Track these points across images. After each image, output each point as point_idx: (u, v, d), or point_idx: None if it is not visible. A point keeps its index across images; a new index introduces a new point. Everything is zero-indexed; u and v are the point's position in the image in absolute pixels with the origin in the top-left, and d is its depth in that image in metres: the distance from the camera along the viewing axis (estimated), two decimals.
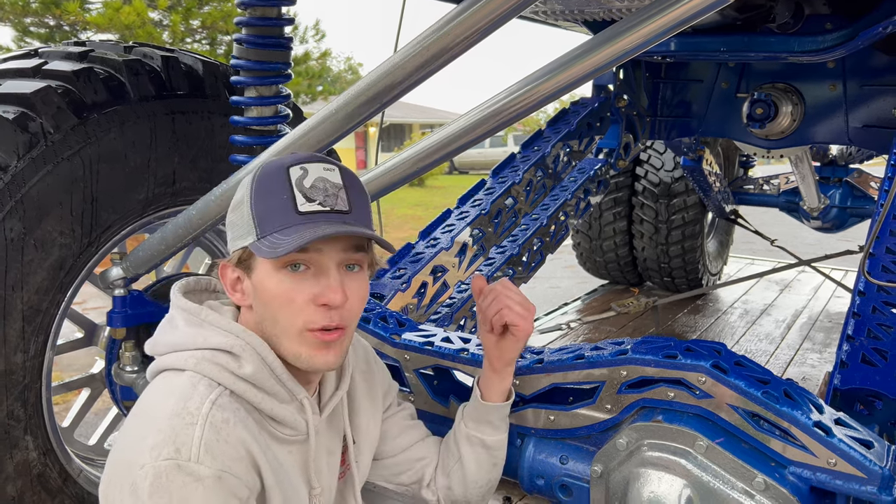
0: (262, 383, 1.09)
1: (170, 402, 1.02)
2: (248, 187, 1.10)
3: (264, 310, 1.10)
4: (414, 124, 30.34)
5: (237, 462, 1.01)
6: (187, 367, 1.07)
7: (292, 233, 1.04)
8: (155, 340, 1.15)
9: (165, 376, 1.09)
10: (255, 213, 1.07)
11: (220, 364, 1.07)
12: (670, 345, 1.35)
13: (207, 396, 1.03)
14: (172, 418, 1.00)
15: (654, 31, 1.26)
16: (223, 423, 1.01)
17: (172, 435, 0.98)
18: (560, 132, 2.85)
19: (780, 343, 4.29)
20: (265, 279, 1.08)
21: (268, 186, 1.08)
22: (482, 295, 1.35)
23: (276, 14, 1.73)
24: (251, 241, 1.07)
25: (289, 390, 1.12)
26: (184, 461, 0.96)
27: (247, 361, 1.08)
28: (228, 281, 1.14)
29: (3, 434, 1.65)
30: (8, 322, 1.62)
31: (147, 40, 10.44)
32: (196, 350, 1.08)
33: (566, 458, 1.43)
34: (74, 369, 3.38)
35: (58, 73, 1.71)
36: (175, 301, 1.16)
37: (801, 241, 7.02)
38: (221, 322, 1.11)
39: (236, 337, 1.09)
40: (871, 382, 1.41)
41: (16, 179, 1.58)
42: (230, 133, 1.83)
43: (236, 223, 1.11)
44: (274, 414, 1.10)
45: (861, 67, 3.02)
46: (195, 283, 1.25)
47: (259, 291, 1.09)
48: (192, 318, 1.12)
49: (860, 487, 1.13)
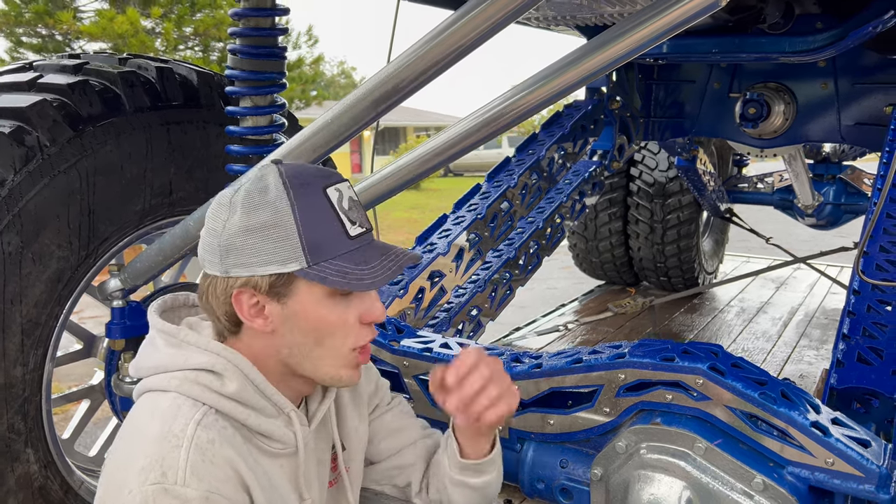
0: (247, 400, 1.08)
1: (155, 424, 1.02)
2: (284, 210, 1.03)
3: (304, 336, 1.07)
4: (408, 127, 30.36)
5: (224, 483, 1.01)
6: (170, 388, 1.06)
7: (357, 260, 1.05)
8: (138, 363, 1.14)
9: (150, 397, 1.08)
10: (307, 239, 1.03)
11: (202, 384, 1.06)
12: (668, 347, 1.36)
13: (192, 417, 1.02)
14: (159, 441, 0.99)
15: (647, 35, 1.27)
16: (209, 443, 1.01)
17: (159, 458, 0.98)
18: (554, 135, 2.86)
19: (777, 341, 4.31)
20: (315, 306, 1.06)
21: (312, 210, 1.04)
22: (465, 379, 1.15)
23: (269, 24, 1.74)
24: (297, 267, 1.03)
25: (275, 404, 1.12)
26: (170, 485, 0.96)
27: (230, 379, 1.07)
28: (246, 307, 1.07)
29: (3, 447, 1.65)
30: (7, 335, 1.62)
31: (140, 49, 10.44)
32: (178, 371, 1.07)
33: (566, 462, 1.44)
34: (72, 380, 3.38)
35: (53, 86, 1.71)
36: (152, 322, 1.14)
37: (795, 238, 7.05)
38: (200, 341, 1.10)
39: (217, 356, 1.08)
40: (868, 381, 1.42)
41: (13, 193, 1.59)
42: (225, 143, 1.84)
43: (260, 247, 1.03)
44: (261, 429, 1.10)
45: (852, 66, 3.04)
46: (172, 300, 1.22)
47: (303, 319, 1.06)
48: (170, 339, 1.11)
49: (858, 486, 1.14)
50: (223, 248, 1.05)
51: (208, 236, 1.07)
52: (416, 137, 27.06)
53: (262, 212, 1.03)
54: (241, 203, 1.05)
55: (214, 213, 1.07)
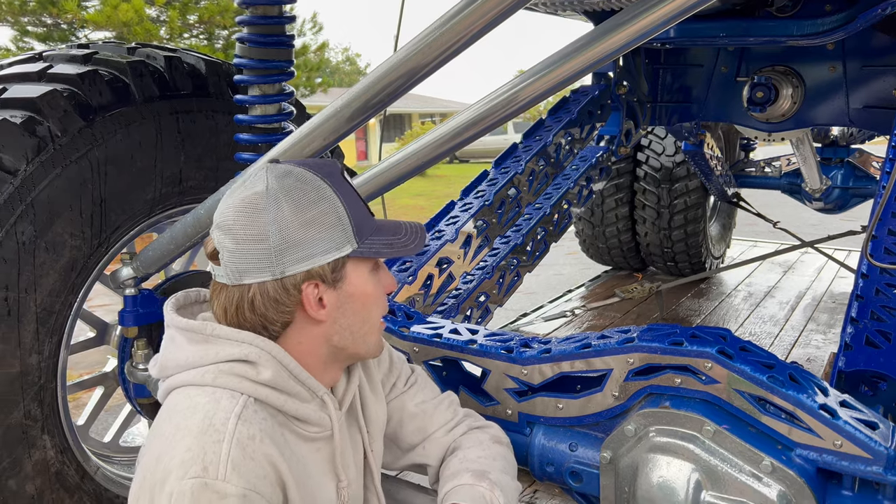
0: (283, 385, 1.10)
1: (196, 418, 1.02)
2: (332, 198, 1.08)
3: (356, 316, 1.15)
4: (413, 114, 30.29)
5: (262, 480, 1.02)
6: (206, 382, 1.06)
7: (386, 231, 1.15)
8: (162, 363, 1.13)
9: (185, 393, 1.08)
10: (354, 221, 1.10)
11: (238, 374, 1.07)
12: (676, 332, 1.37)
13: (232, 410, 1.03)
14: (200, 435, 1.00)
15: (656, 20, 1.27)
16: (249, 439, 1.02)
17: (200, 453, 0.98)
18: (561, 121, 2.86)
19: (785, 325, 4.31)
20: (364, 283, 1.14)
21: (349, 195, 1.12)
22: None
23: (277, 12, 1.74)
24: (350, 249, 1.10)
25: (309, 388, 1.13)
26: (211, 479, 0.97)
27: (264, 367, 1.08)
28: (313, 301, 1.09)
29: (21, 434, 1.67)
30: (22, 324, 1.64)
31: (145, 37, 10.43)
32: (211, 364, 1.08)
33: (575, 446, 1.46)
34: (82, 367, 3.42)
35: (63, 76, 1.72)
36: (172, 321, 1.14)
37: (803, 222, 7.03)
38: (230, 333, 1.10)
39: (249, 345, 1.09)
40: (876, 364, 1.43)
41: (25, 183, 1.60)
42: (234, 131, 1.84)
43: (317, 239, 1.07)
44: (298, 414, 1.11)
45: (861, 48, 3.02)
46: (184, 297, 1.22)
47: (357, 297, 1.14)
48: (195, 336, 1.11)
49: (866, 468, 1.15)
50: (279, 249, 1.05)
51: (251, 244, 1.05)
52: (421, 124, 26.97)
53: (314, 203, 1.06)
54: (286, 199, 1.05)
55: (248, 222, 1.05)
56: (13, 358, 1.64)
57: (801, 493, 1.18)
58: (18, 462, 1.67)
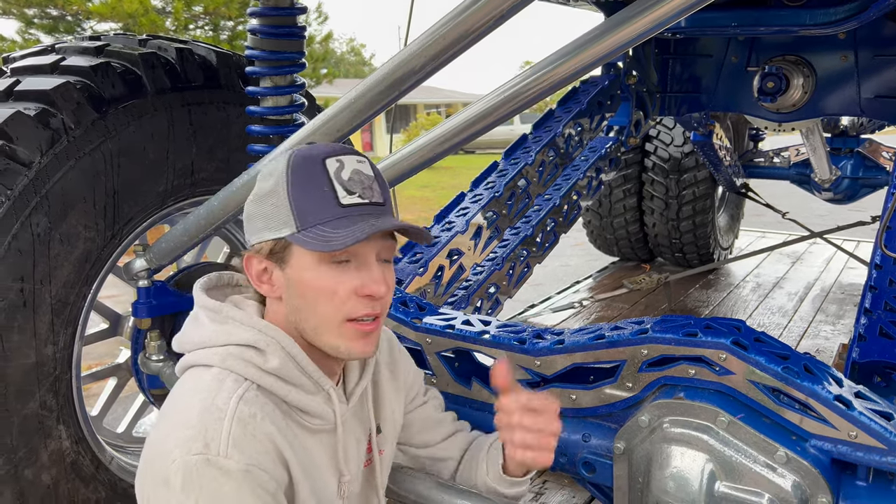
0: (288, 376, 1.11)
1: (198, 398, 1.05)
2: (281, 178, 1.08)
3: (301, 302, 1.10)
4: (419, 104, 30.22)
5: (264, 456, 1.03)
6: (214, 363, 1.09)
7: (342, 226, 1.05)
8: (182, 338, 1.17)
9: (193, 372, 1.11)
10: (295, 204, 1.06)
11: (245, 359, 1.09)
12: (690, 323, 1.38)
13: (234, 391, 1.05)
14: (202, 414, 1.02)
15: (669, 11, 1.26)
16: (250, 417, 1.03)
17: (202, 430, 1.00)
18: (571, 111, 2.85)
19: (793, 316, 4.30)
20: (305, 272, 1.08)
21: (305, 178, 1.07)
22: (525, 411, 1.20)
23: (288, 3, 1.74)
24: (289, 232, 1.07)
25: (315, 381, 1.14)
26: (213, 455, 0.99)
27: (272, 355, 1.10)
28: (254, 272, 1.13)
29: (37, 424, 1.69)
30: (38, 315, 1.65)
31: (150, 28, 10.42)
32: (221, 346, 1.10)
33: (588, 436, 1.46)
34: (93, 358, 3.44)
35: (76, 68, 1.72)
36: (198, 299, 1.17)
37: (812, 212, 7.00)
38: (244, 318, 1.13)
39: (260, 332, 1.11)
40: (889, 355, 1.43)
41: (40, 175, 1.61)
42: (245, 123, 1.85)
43: (265, 214, 1.09)
44: (301, 405, 1.13)
45: (873, 37, 3.00)
46: (217, 279, 1.25)
47: (297, 284, 1.09)
48: (215, 316, 1.14)
49: (881, 458, 1.16)
50: (245, 216, 1.14)
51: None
52: (426, 115, 26.93)
53: (266, 182, 1.11)
54: (259, 175, 1.14)
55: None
56: (29, 349, 1.65)
57: (815, 484, 1.18)
58: (35, 452, 1.69)
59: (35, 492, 1.69)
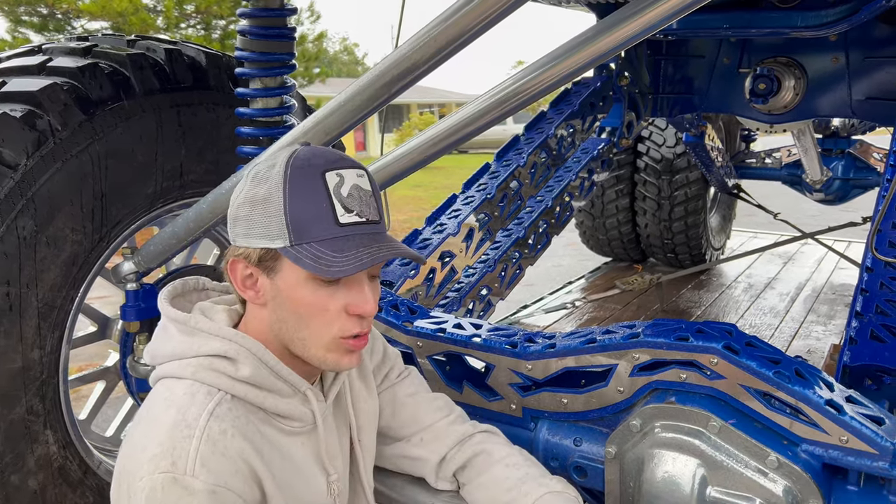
0: (262, 382, 1.09)
1: (170, 412, 1.03)
2: (277, 186, 1.04)
3: (289, 315, 1.08)
4: (411, 104, 30.19)
5: (234, 476, 1.01)
6: (185, 375, 1.07)
7: (339, 248, 1.03)
8: (153, 351, 1.15)
9: (165, 384, 1.09)
10: (290, 217, 1.03)
11: (217, 370, 1.07)
12: (682, 327, 1.37)
13: (205, 406, 1.03)
14: (172, 429, 1.00)
15: (662, 14, 1.26)
16: (220, 434, 1.02)
17: (170, 447, 0.99)
18: (563, 113, 2.85)
19: (785, 316, 4.31)
20: (296, 287, 1.06)
21: (303, 191, 1.04)
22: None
23: (278, 4, 1.73)
24: (282, 245, 1.04)
25: (290, 384, 1.13)
26: (179, 474, 0.97)
27: (243, 364, 1.08)
28: (239, 277, 1.10)
29: (23, 429, 1.67)
30: (24, 319, 1.64)
31: (140, 27, 10.37)
32: (193, 358, 1.08)
33: (580, 440, 1.46)
34: (81, 360, 3.41)
35: (63, 69, 1.71)
36: (164, 311, 1.15)
37: (803, 213, 7.02)
38: (212, 328, 1.10)
39: (229, 341, 1.09)
40: (881, 359, 1.43)
41: (26, 178, 1.59)
42: (235, 124, 1.83)
43: (256, 220, 1.06)
44: (279, 410, 1.11)
45: (864, 39, 3.00)
46: (182, 285, 1.22)
47: (286, 297, 1.07)
48: (183, 328, 1.11)
49: (872, 463, 1.15)
50: (232, 217, 1.10)
51: (229, 205, 1.12)
52: (419, 114, 26.90)
53: (259, 187, 1.06)
54: (251, 177, 1.08)
55: (238, 186, 1.11)
56: (15, 353, 1.63)
57: (806, 489, 1.18)
58: (21, 457, 1.67)
59: (21, 498, 1.67)
